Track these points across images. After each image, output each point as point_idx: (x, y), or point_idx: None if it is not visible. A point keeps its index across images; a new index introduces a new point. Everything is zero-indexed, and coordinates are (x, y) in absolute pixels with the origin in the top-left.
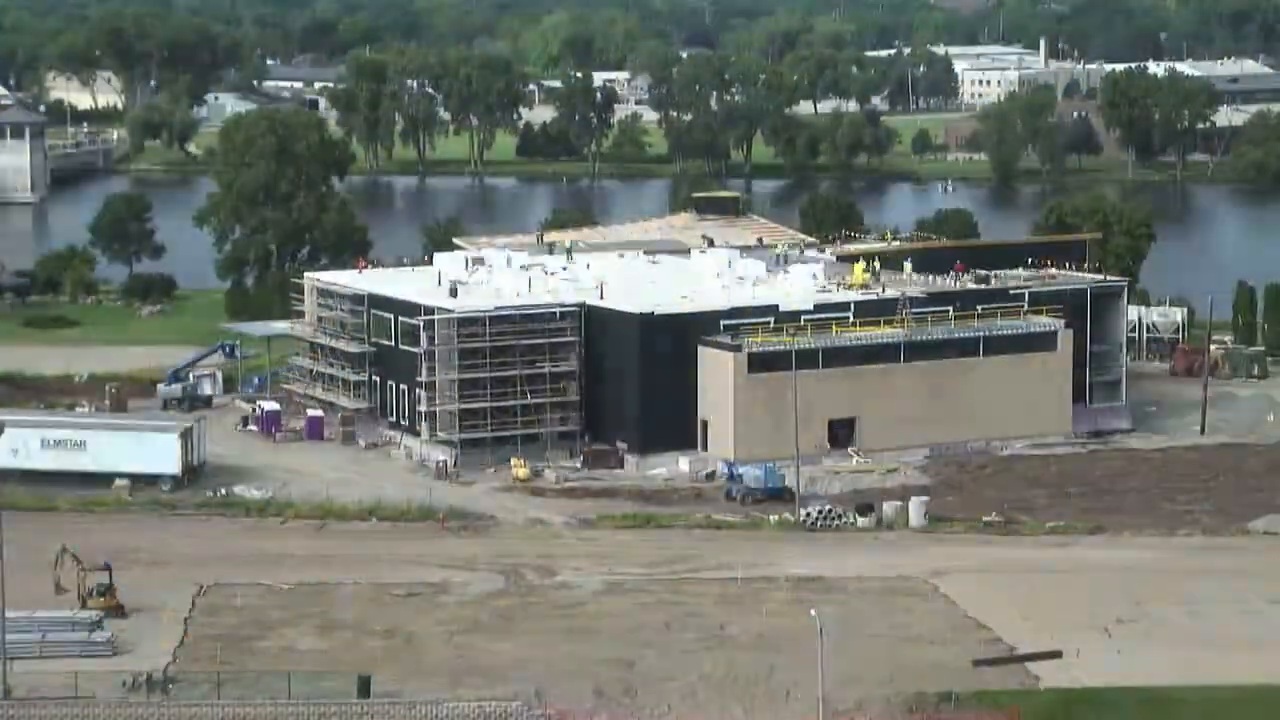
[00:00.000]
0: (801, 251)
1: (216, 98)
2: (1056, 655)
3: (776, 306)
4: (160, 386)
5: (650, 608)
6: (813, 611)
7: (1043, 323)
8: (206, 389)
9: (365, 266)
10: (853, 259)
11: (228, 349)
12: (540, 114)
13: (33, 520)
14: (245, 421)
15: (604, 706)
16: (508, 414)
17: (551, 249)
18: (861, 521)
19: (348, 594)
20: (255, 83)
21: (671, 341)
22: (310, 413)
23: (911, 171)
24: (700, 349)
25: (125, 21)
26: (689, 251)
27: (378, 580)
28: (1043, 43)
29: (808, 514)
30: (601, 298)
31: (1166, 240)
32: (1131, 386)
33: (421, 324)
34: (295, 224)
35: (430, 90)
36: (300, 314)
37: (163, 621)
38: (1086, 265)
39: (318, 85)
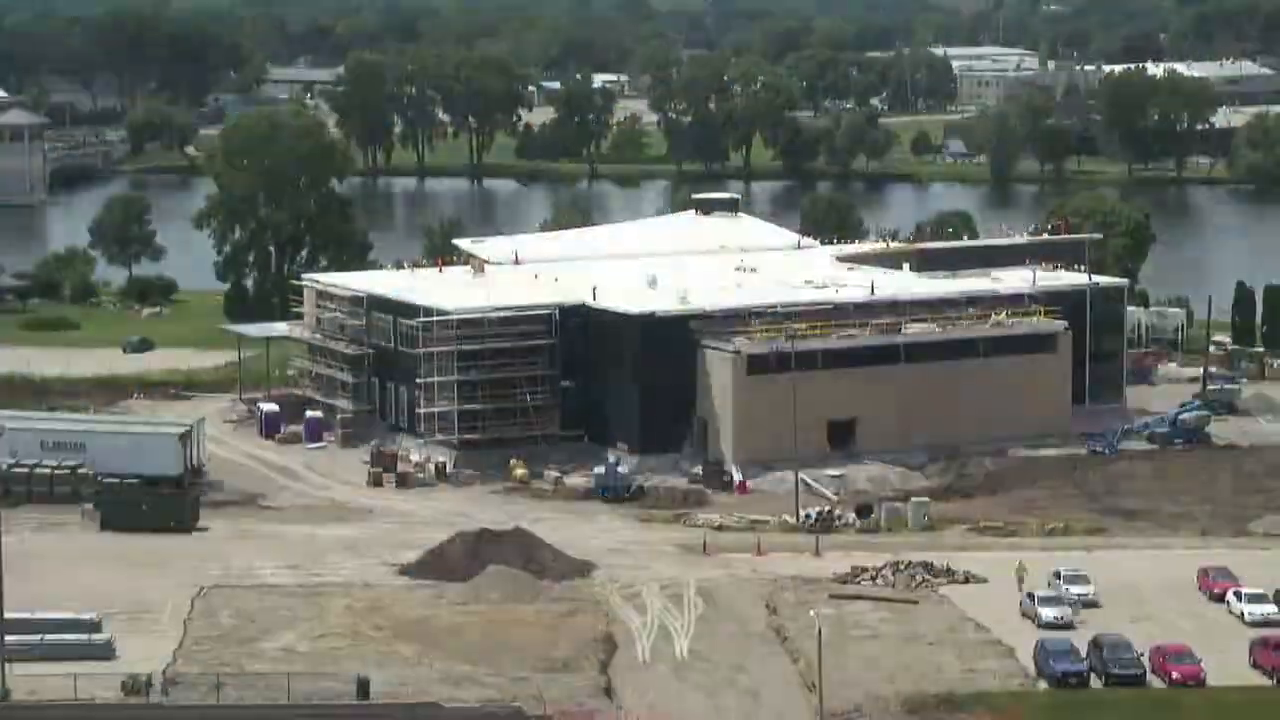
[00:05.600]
0: None
1: (216, 99)
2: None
3: (777, 308)
4: None
5: (648, 608)
6: (812, 612)
7: (1043, 324)
8: None
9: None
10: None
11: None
12: (539, 115)
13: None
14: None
15: (602, 707)
16: (507, 416)
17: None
18: (860, 523)
19: (348, 595)
20: (254, 85)
21: (671, 342)
22: (309, 414)
23: (910, 173)
24: (700, 350)
25: (125, 24)
26: None
27: (377, 581)
28: (1042, 44)
29: (807, 515)
30: (594, 298)
31: (1165, 241)
32: None
33: (420, 325)
34: (294, 226)
35: (429, 92)
36: (299, 316)
37: (162, 623)
38: (1086, 266)
39: (317, 87)
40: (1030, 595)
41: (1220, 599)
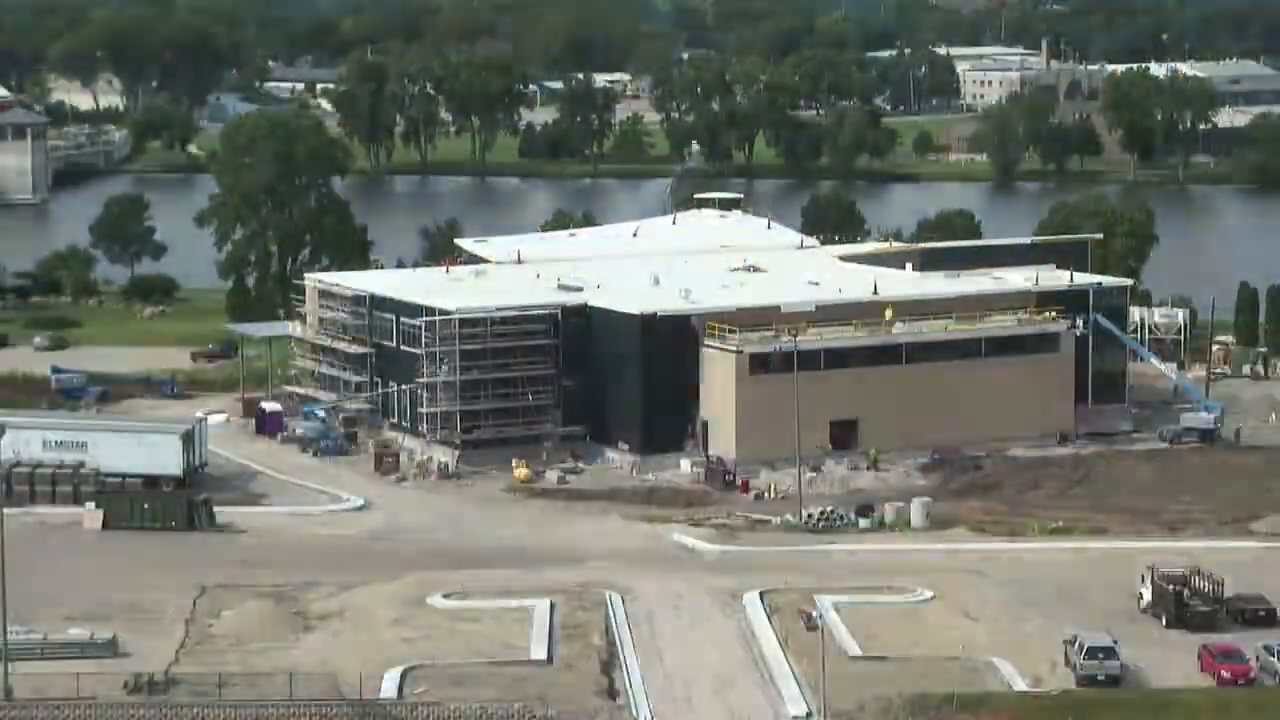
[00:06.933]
0: None
1: (218, 98)
2: None
3: (778, 308)
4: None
5: (649, 609)
6: (815, 613)
7: (1046, 324)
8: None
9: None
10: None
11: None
12: (542, 115)
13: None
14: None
15: (603, 707)
16: (509, 415)
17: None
18: (862, 523)
19: (351, 595)
20: (256, 84)
21: (673, 342)
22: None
23: (913, 172)
24: (702, 350)
25: (126, 23)
26: None
27: (383, 580)
28: (1044, 44)
29: (809, 515)
30: (594, 299)
31: (1168, 241)
32: None
33: (423, 325)
34: (296, 225)
35: (431, 91)
36: (302, 315)
37: (164, 623)
38: (1088, 266)
39: (319, 86)
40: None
41: None
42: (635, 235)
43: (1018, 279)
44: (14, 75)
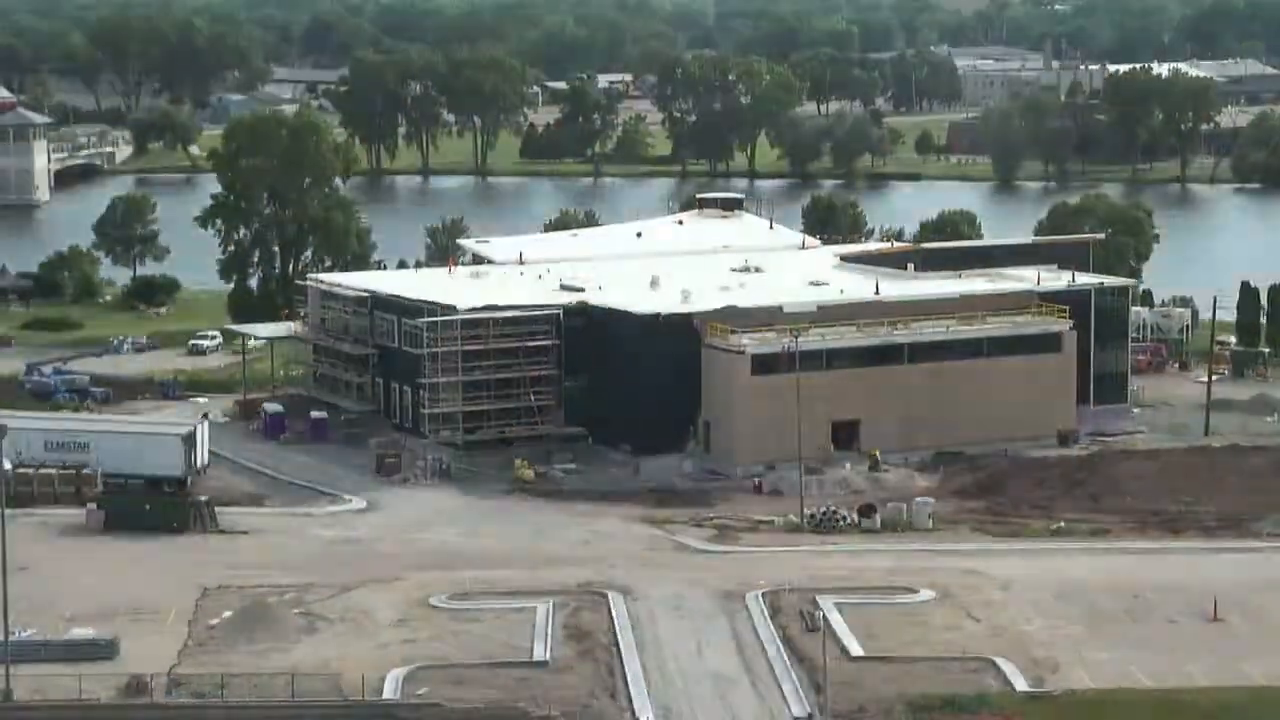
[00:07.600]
0: None
1: (219, 99)
2: None
3: (781, 308)
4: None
5: (650, 609)
6: (817, 612)
7: (1047, 324)
8: None
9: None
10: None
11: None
12: (544, 115)
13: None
14: None
15: (604, 707)
16: (511, 415)
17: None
18: (864, 523)
19: (352, 595)
20: (258, 84)
21: (675, 342)
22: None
23: (914, 172)
24: (704, 350)
25: (128, 24)
26: None
27: (384, 581)
28: (1046, 43)
29: (810, 515)
30: (596, 298)
31: (1169, 241)
32: None
33: (425, 326)
34: (298, 225)
35: (433, 91)
36: (303, 316)
37: (166, 624)
38: (1090, 267)
39: (320, 87)
40: None
41: None
42: (639, 236)
43: (1019, 279)
44: (15, 76)
